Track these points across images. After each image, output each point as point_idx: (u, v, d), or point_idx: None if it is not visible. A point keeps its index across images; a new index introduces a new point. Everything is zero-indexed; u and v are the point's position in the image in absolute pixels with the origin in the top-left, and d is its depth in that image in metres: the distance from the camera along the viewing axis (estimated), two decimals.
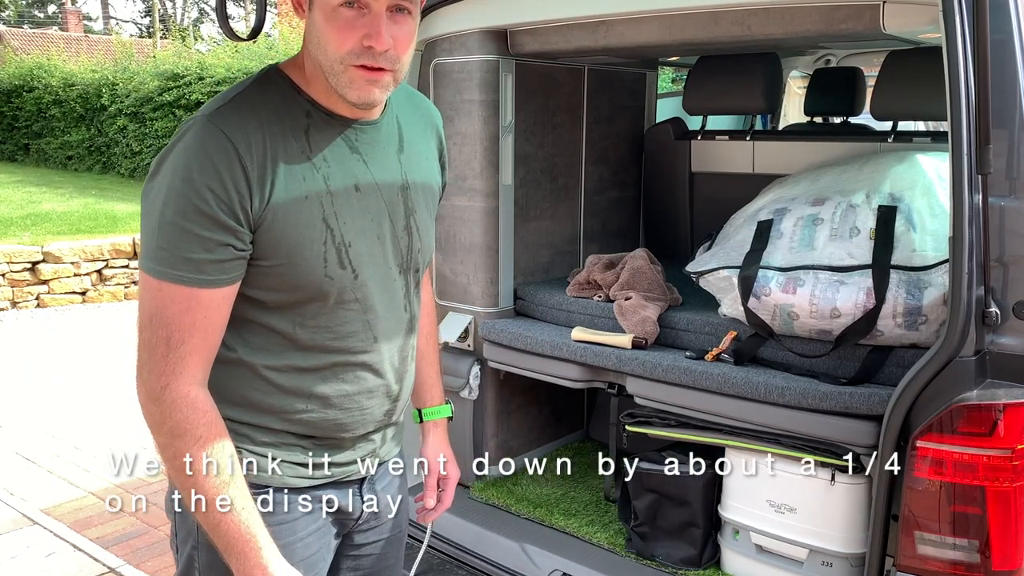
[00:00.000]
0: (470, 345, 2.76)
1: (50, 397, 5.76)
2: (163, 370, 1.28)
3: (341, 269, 1.38)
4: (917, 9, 1.93)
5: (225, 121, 1.29)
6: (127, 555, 3.64)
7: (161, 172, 1.29)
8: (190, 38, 24.36)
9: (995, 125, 1.62)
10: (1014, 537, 1.67)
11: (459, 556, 2.50)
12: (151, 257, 1.28)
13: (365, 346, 1.44)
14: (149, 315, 1.29)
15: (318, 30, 1.32)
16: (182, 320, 1.28)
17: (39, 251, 8.33)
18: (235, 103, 1.33)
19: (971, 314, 1.64)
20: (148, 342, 1.29)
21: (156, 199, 1.28)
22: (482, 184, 2.67)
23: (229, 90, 1.37)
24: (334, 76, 1.33)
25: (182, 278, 1.27)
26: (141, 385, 1.31)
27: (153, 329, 1.28)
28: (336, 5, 1.30)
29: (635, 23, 2.36)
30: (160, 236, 1.27)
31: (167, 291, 1.28)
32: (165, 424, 1.29)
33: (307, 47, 1.36)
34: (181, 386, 1.29)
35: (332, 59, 1.32)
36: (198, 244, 1.27)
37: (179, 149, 1.28)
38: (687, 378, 2.23)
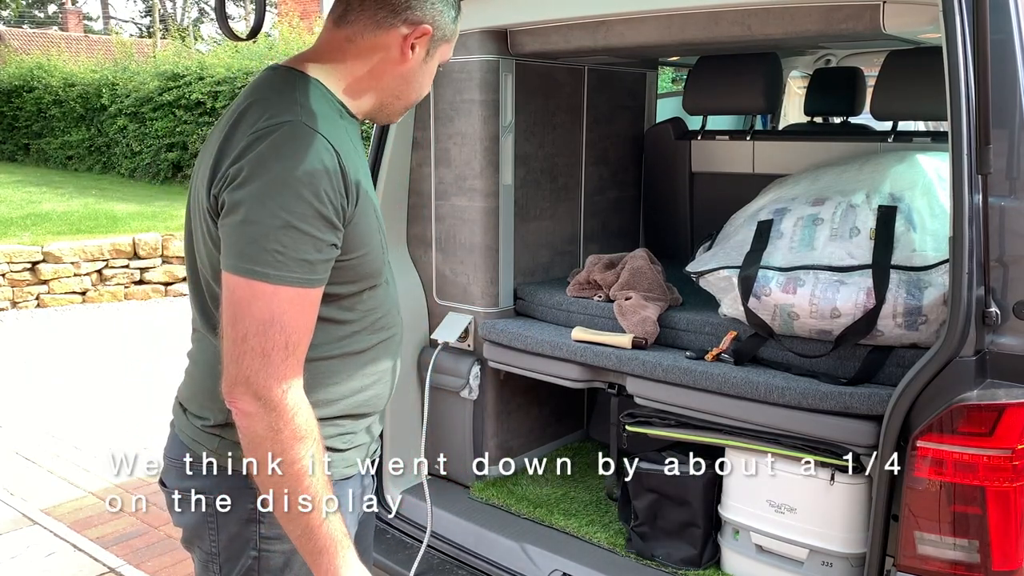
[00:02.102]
0: (470, 345, 2.76)
1: (50, 397, 5.76)
2: (283, 374, 1.28)
3: (383, 253, 1.48)
4: (917, 9, 1.93)
5: (317, 123, 1.32)
6: (127, 555, 3.65)
7: (264, 176, 1.28)
8: (190, 38, 24.37)
9: (995, 125, 1.62)
10: (1014, 537, 1.67)
11: (459, 556, 2.50)
12: (264, 263, 1.27)
13: (396, 320, 1.56)
14: (263, 322, 1.27)
15: (423, 74, 1.48)
16: (299, 322, 1.30)
17: (39, 251, 8.33)
18: (309, 105, 1.35)
19: (971, 314, 1.64)
20: (262, 349, 1.27)
21: (262, 203, 1.27)
22: (482, 184, 2.67)
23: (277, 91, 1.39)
24: (400, 106, 1.50)
25: (299, 280, 1.29)
26: (247, 392, 1.28)
27: (269, 335, 1.28)
28: (441, 65, 1.51)
29: (635, 23, 2.36)
30: (275, 240, 1.27)
31: (283, 294, 1.28)
32: (287, 428, 1.29)
33: (385, 70, 1.45)
34: (299, 389, 1.31)
35: (415, 98, 1.50)
36: (312, 245, 1.29)
37: (282, 155, 1.29)
38: (687, 378, 2.23)
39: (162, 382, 4.96)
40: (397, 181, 2.76)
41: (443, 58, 1.51)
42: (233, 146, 1.34)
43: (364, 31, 1.42)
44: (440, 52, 1.50)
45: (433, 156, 2.73)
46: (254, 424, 1.30)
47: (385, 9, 1.41)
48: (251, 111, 1.38)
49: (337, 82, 1.43)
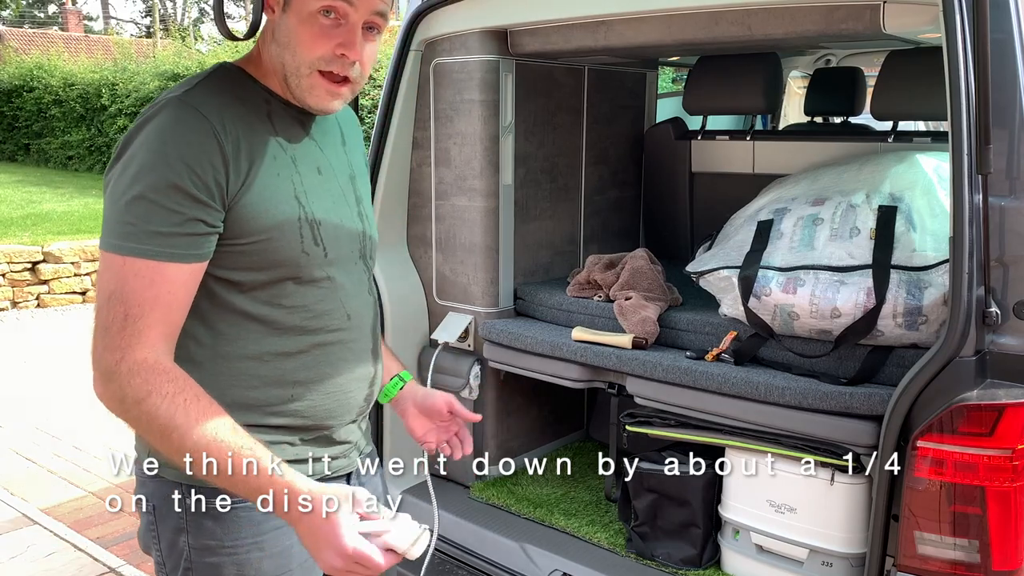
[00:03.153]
0: (470, 345, 2.76)
1: (50, 397, 5.76)
2: (117, 345, 1.22)
3: (315, 246, 1.40)
4: (917, 9, 1.93)
5: (199, 101, 1.30)
6: (127, 555, 3.64)
7: (129, 151, 1.27)
8: (190, 38, 24.35)
9: (995, 125, 1.62)
10: (1014, 537, 1.67)
11: (459, 556, 2.50)
12: (115, 233, 1.25)
13: (340, 324, 1.44)
14: (108, 294, 1.24)
15: (289, 32, 1.35)
16: (143, 295, 1.24)
17: (39, 251, 8.33)
18: (202, 87, 1.33)
19: (971, 314, 1.64)
20: (103, 323, 1.24)
21: (124, 177, 1.25)
22: (482, 184, 2.67)
23: (188, 79, 1.37)
24: (296, 79, 1.37)
25: (148, 251, 1.24)
26: (96, 370, 1.24)
27: (111, 307, 1.24)
28: (314, 11, 1.33)
29: (635, 23, 2.36)
30: (128, 212, 1.24)
31: (130, 266, 1.24)
32: (127, 395, 1.22)
33: (269, 45, 1.39)
34: (137, 354, 1.22)
35: (299, 62, 1.36)
36: (168, 218, 1.25)
37: (150, 128, 1.27)
38: (687, 378, 2.22)
39: None
40: (397, 181, 2.76)
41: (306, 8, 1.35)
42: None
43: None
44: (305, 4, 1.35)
45: (433, 156, 2.73)
46: (105, 399, 1.25)
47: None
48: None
49: (256, 69, 1.42)
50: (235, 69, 1.42)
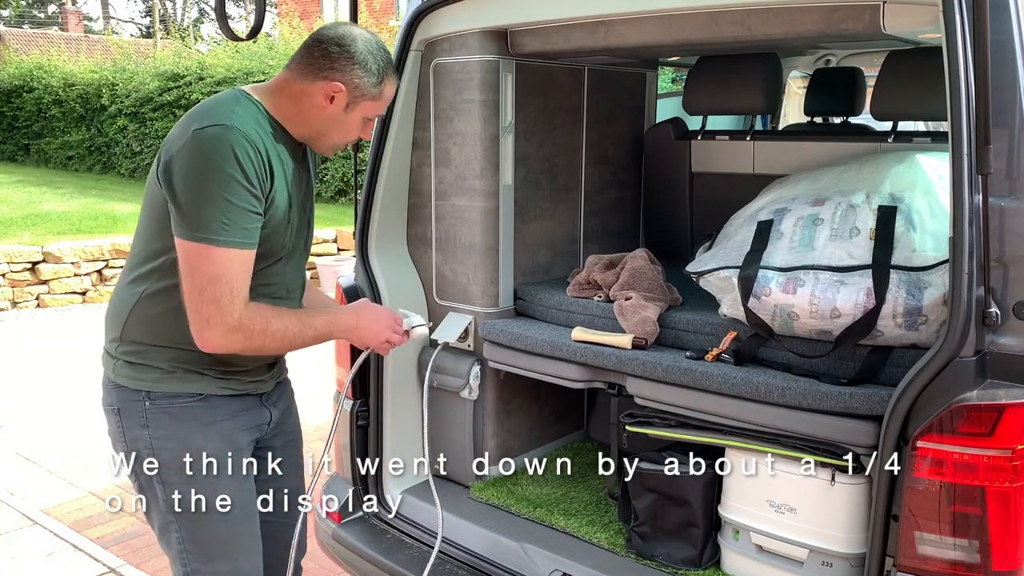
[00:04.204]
0: (470, 345, 2.76)
1: (50, 397, 5.76)
2: (232, 310, 1.74)
3: (288, 241, 1.92)
4: (917, 9, 1.93)
5: (244, 127, 1.75)
6: (127, 555, 3.65)
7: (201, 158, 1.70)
8: (190, 38, 24.36)
9: (995, 125, 1.62)
10: (1014, 537, 1.67)
11: (459, 556, 2.50)
12: (211, 229, 1.70)
13: (280, 293, 1.95)
14: (213, 277, 1.72)
15: (345, 123, 1.90)
16: (241, 274, 1.75)
17: (39, 251, 8.34)
18: (239, 116, 1.77)
19: (971, 314, 1.64)
20: (215, 298, 1.72)
21: (207, 179, 1.70)
22: (482, 184, 2.67)
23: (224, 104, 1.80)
24: (324, 143, 1.95)
25: (240, 243, 1.74)
26: (214, 330, 1.74)
27: (218, 286, 1.72)
28: (367, 120, 1.94)
29: (635, 23, 2.36)
30: (221, 212, 1.70)
31: (229, 255, 1.72)
32: (255, 332, 1.78)
33: (313, 113, 1.87)
34: (246, 310, 1.77)
35: (339, 141, 1.95)
36: (249, 216, 1.75)
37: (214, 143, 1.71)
38: (687, 378, 2.22)
39: None
40: (397, 181, 2.76)
41: (367, 113, 1.91)
42: (178, 137, 1.75)
43: (298, 77, 1.86)
44: (362, 108, 1.90)
45: (433, 156, 2.73)
46: (229, 345, 1.79)
47: (313, 66, 1.85)
48: (199, 112, 1.79)
49: (275, 109, 1.87)
50: (256, 105, 1.84)
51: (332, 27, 1.89)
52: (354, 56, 1.84)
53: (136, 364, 1.87)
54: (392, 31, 17.16)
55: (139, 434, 1.88)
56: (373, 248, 2.74)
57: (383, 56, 1.89)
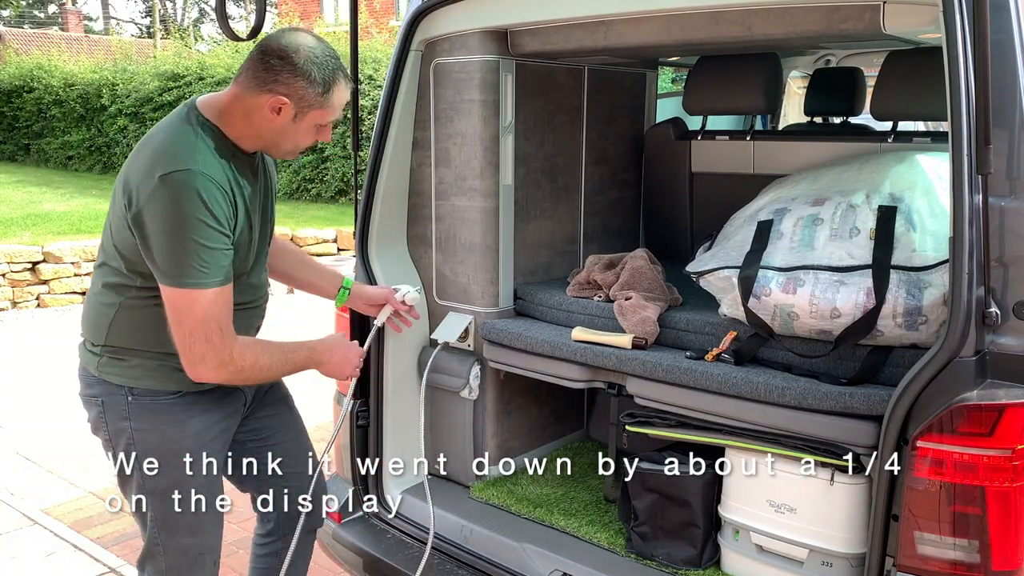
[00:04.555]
0: (470, 345, 2.76)
1: (50, 397, 5.75)
2: (224, 346, 1.85)
3: (251, 254, 2.02)
4: (917, 9, 1.93)
5: (209, 170, 1.82)
6: (127, 555, 3.64)
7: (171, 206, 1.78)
8: (190, 38, 24.36)
9: (995, 125, 1.62)
10: (1014, 537, 1.67)
11: (459, 556, 2.50)
12: (191, 275, 1.80)
13: (251, 297, 2.08)
14: (201, 319, 1.82)
15: (294, 132, 1.94)
16: (224, 310, 1.86)
17: (39, 251, 8.33)
18: (203, 156, 1.84)
19: (971, 314, 1.64)
20: (206, 337, 1.83)
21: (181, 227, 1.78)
22: (482, 184, 2.67)
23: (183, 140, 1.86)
24: (277, 151, 2.00)
25: (220, 282, 1.84)
26: (207, 365, 1.86)
27: (208, 326, 1.83)
28: (321, 126, 1.96)
29: (635, 23, 2.36)
30: (199, 259, 1.80)
31: (212, 296, 1.82)
32: (244, 367, 1.90)
33: (263, 125, 1.91)
34: (236, 345, 1.89)
35: (290, 148, 1.99)
36: (224, 258, 1.85)
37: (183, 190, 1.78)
38: (687, 378, 2.23)
39: None
40: (397, 181, 2.76)
41: (318, 120, 1.94)
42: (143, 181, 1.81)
43: (245, 91, 1.89)
44: (311, 116, 1.92)
45: (433, 156, 2.73)
46: (223, 378, 1.92)
47: (257, 79, 1.87)
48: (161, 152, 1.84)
49: (228, 128, 1.91)
50: (208, 125, 1.89)
51: (276, 37, 1.90)
52: (296, 68, 1.85)
53: (119, 362, 2.02)
54: (392, 31, 17.15)
55: (122, 425, 2.02)
56: (373, 248, 2.74)
57: (328, 64, 1.89)
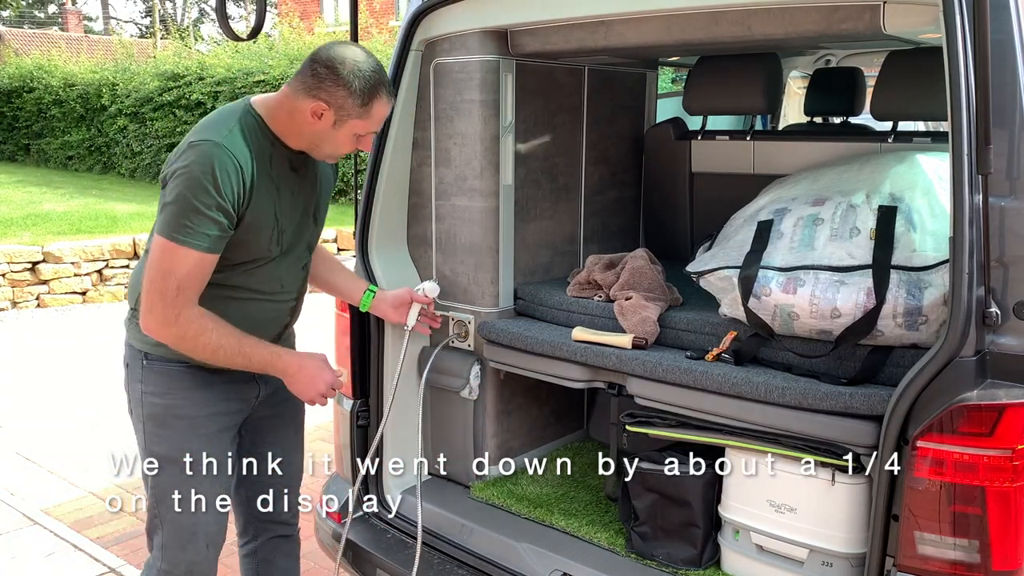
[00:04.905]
0: (470, 345, 2.76)
1: (50, 397, 5.76)
2: (173, 305, 1.94)
3: (277, 247, 2.12)
4: (918, 9, 1.93)
5: (232, 147, 1.96)
6: (127, 555, 3.65)
7: (186, 169, 1.91)
8: (190, 38, 24.36)
9: (995, 125, 1.62)
10: (1014, 537, 1.67)
11: (459, 556, 2.50)
12: (176, 229, 1.90)
13: (273, 288, 2.18)
14: (164, 271, 1.93)
15: (334, 138, 2.04)
16: (191, 274, 1.94)
17: (39, 251, 8.34)
18: (234, 135, 1.97)
19: (971, 314, 1.64)
20: (160, 290, 1.93)
21: (185, 187, 1.90)
22: (482, 184, 2.67)
23: (225, 120, 2.00)
24: (318, 153, 2.11)
25: (198, 246, 1.92)
26: (153, 317, 1.97)
27: (166, 281, 1.93)
28: (360, 135, 2.07)
29: (636, 23, 2.36)
30: (187, 216, 1.90)
31: (183, 254, 1.92)
32: (187, 334, 1.98)
33: (305, 128, 2.03)
34: (189, 311, 1.96)
35: (331, 153, 2.11)
36: (213, 225, 1.93)
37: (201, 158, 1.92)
38: (687, 378, 2.22)
39: None
40: (397, 181, 2.76)
41: (357, 130, 2.05)
42: (180, 147, 1.99)
43: (293, 94, 2.02)
44: (350, 126, 2.03)
45: (433, 156, 2.73)
46: (162, 337, 2.01)
47: (304, 84, 2.00)
48: (204, 124, 2.03)
49: (274, 123, 2.05)
50: (256, 117, 2.03)
51: (328, 47, 2.02)
52: (340, 78, 1.97)
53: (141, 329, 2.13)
54: (392, 31, 17.15)
55: (136, 386, 2.19)
56: (373, 248, 2.74)
57: (373, 77, 2.00)
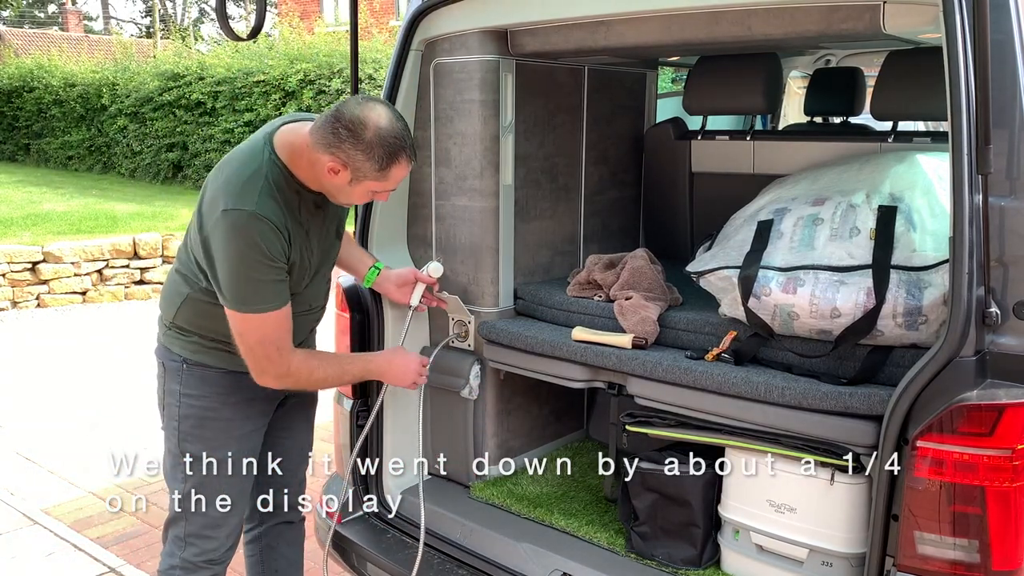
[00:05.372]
0: (470, 345, 2.76)
1: (50, 397, 5.76)
2: (281, 362, 2.13)
3: (308, 278, 2.25)
4: (917, 9, 1.93)
5: (267, 213, 2.02)
6: (127, 555, 3.65)
7: (231, 246, 2.02)
8: (190, 38, 24.36)
9: (995, 125, 1.62)
10: (1014, 537, 1.67)
11: (459, 556, 2.50)
12: (246, 302, 2.05)
13: (304, 309, 2.29)
14: (258, 340, 2.09)
15: (345, 191, 2.10)
16: (280, 331, 2.11)
17: (39, 251, 8.33)
18: (263, 199, 2.02)
19: (971, 314, 1.64)
20: (265, 355, 2.11)
21: (238, 264, 2.03)
22: (482, 184, 2.67)
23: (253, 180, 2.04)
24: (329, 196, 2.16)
25: (274, 306, 2.08)
26: (268, 376, 2.14)
27: (265, 345, 2.09)
28: (373, 192, 2.12)
29: (635, 23, 2.36)
30: (251, 289, 2.04)
31: (262, 319, 2.07)
32: (300, 379, 2.20)
33: (320, 175, 2.07)
34: (293, 359, 2.15)
35: (341, 200, 2.17)
36: (275, 284, 2.08)
37: (243, 232, 2.00)
38: (687, 378, 2.23)
39: None
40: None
41: (373, 188, 2.10)
42: (211, 203, 2.06)
43: (313, 145, 2.05)
44: (366, 185, 2.08)
45: (433, 156, 2.74)
46: (295, 387, 2.26)
47: (324, 140, 2.02)
48: (231, 185, 2.05)
49: (296, 169, 2.10)
50: (280, 169, 2.08)
51: (354, 106, 2.02)
52: (360, 142, 2.00)
53: (181, 338, 2.27)
54: (392, 31, 17.14)
55: (174, 388, 2.28)
56: (374, 248, 2.74)
57: (394, 144, 2.02)
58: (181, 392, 2.27)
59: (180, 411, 2.27)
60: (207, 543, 2.34)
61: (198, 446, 2.28)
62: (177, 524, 2.35)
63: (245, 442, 2.34)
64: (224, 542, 2.37)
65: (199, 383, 2.26)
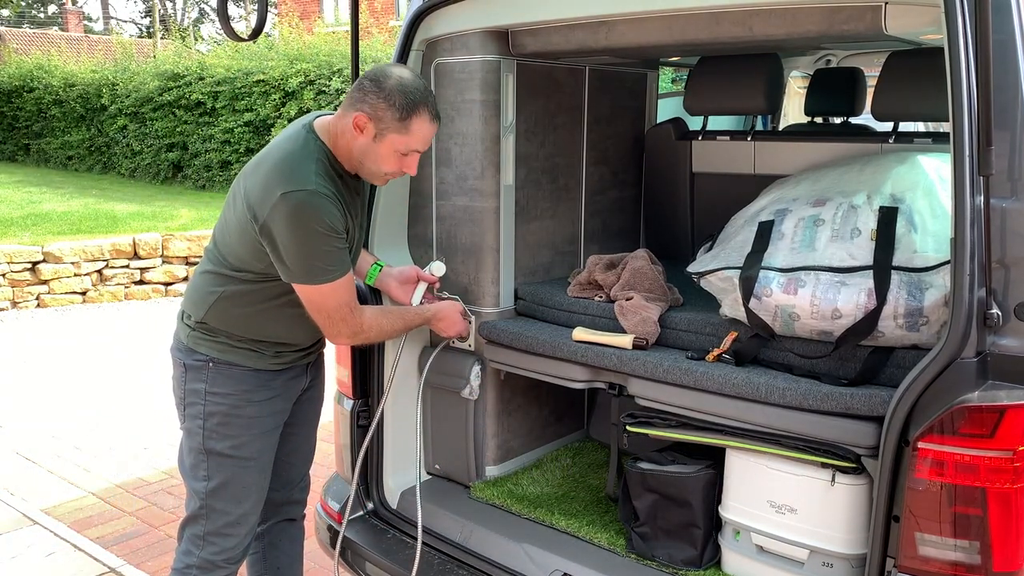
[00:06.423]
0: (471, 345, 2.76)
1: (50, 397, 5.76)
2: (355, 321, 2.24)
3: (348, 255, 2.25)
4: (919, 10, 1.93)
5: (325, 190, 2.10)
6: (127, 555, 3.65)
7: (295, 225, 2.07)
8: (190, 38, 24.36)
9: (997, 126, 1.62)
10: (1015, 538, 1.67)
11: (459, 556, 2.50)
12: (316, 275, 2.13)
13: None
14: (335, 307, 2.19)
15: (371, 151, 2.16)
16: (350, 293, 2.22)
17: (39, 251, 8.33)
18: (320, 177, 2.11)
19: (972, 315, 1.64)
20: (342, 317, 2.21)
21: (305, 242, 2.09)
22: (483, 184, 2.67)
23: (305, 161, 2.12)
24: (364, 172, 2.23)
25: (340, 274, 2.16)
26: (344, 336, 2.26)
27: (340, 308, 2.20)
28: (401, 153, 2.18)
29: (637, 23, 2.36)
30: (318, 261, 2.11)
31: (332, 288, 2.15)
32: (372, 333, 2.32)
33: (351, 144, 2.16)
34: (362, 317, 2.26)
35: (372, 170, 2.21)
36: (339, 252, 2.15)
37: (306, 210, 2.07)
38: (688, 379, 2.22)
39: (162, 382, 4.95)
40: (398, 181, 2.75)
41: (397, 146, 2.15)
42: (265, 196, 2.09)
43: (342, 113, 2.16)
44: (390, 140, 2.14)
45: (434, 156, 2.74)
46: (365, 342, 2.40)
47: (350, 100, 2.14)
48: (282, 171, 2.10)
49: (334, 148, 2.19)
50: (324, 150, 2.17)
51: (378, 67, 2.17)
52: (381, 90, 2.10)
53: (209, 338, 2.30)
54: (392, 31, 17.15)
55: (198, 387, 2.31)
56: (374, 248, 2.74)
57: (416, 95, 2.12)
58: (207, 390, 2.29)
59: (206, 409, 2.30)
60: (227, 541, 2.36)
61: (224, 443, 2.30)
62: (196, 523, 2.36)
63: (267, 439, 2.38)
64: (243, 540, 2.39)
65: (225, 381, 2.29)
